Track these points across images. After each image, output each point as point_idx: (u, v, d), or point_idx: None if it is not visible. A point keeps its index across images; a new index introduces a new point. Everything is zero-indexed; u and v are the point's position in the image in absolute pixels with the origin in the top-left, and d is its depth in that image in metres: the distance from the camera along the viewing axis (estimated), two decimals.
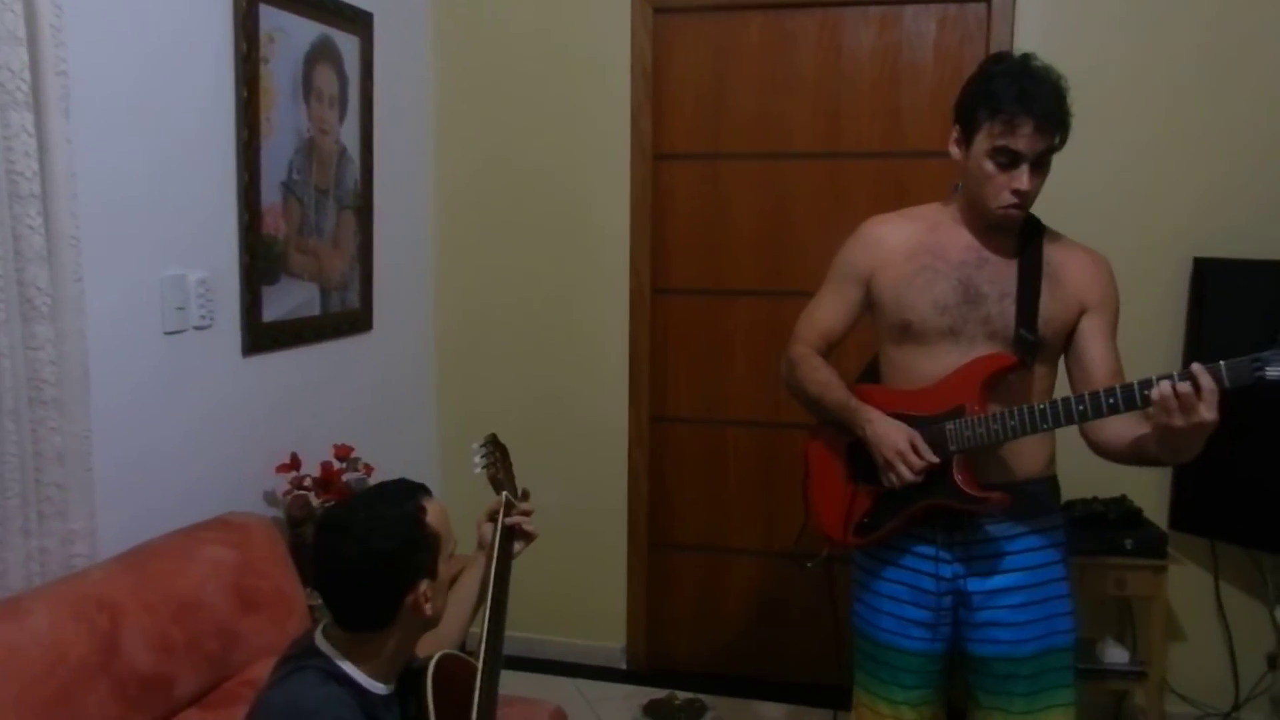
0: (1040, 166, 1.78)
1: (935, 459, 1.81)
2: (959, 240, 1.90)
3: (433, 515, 1.51)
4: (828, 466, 2.05)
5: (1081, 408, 1.70)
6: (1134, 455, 1.77)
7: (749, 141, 3.20)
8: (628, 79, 3.22)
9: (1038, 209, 1.88)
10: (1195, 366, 1.56)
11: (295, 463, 2.50)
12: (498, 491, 1.83)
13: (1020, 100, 1.73)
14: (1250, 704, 2.95)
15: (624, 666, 3.45)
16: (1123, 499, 2.84)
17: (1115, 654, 2.84)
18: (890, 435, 1.84)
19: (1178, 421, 1.57)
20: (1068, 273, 1.87)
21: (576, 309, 3.37)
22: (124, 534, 2.01)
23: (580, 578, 3.44)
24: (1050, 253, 1.88)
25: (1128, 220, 2.89)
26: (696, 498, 3.39)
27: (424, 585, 1.47)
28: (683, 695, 3.16)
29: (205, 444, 2.32)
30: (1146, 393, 1.61)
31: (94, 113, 1.94)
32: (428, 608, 1.49)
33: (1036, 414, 1.74)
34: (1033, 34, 2.91)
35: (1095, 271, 1.89)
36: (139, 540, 2.01)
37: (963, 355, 1.86)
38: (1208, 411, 1.55)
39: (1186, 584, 2.94)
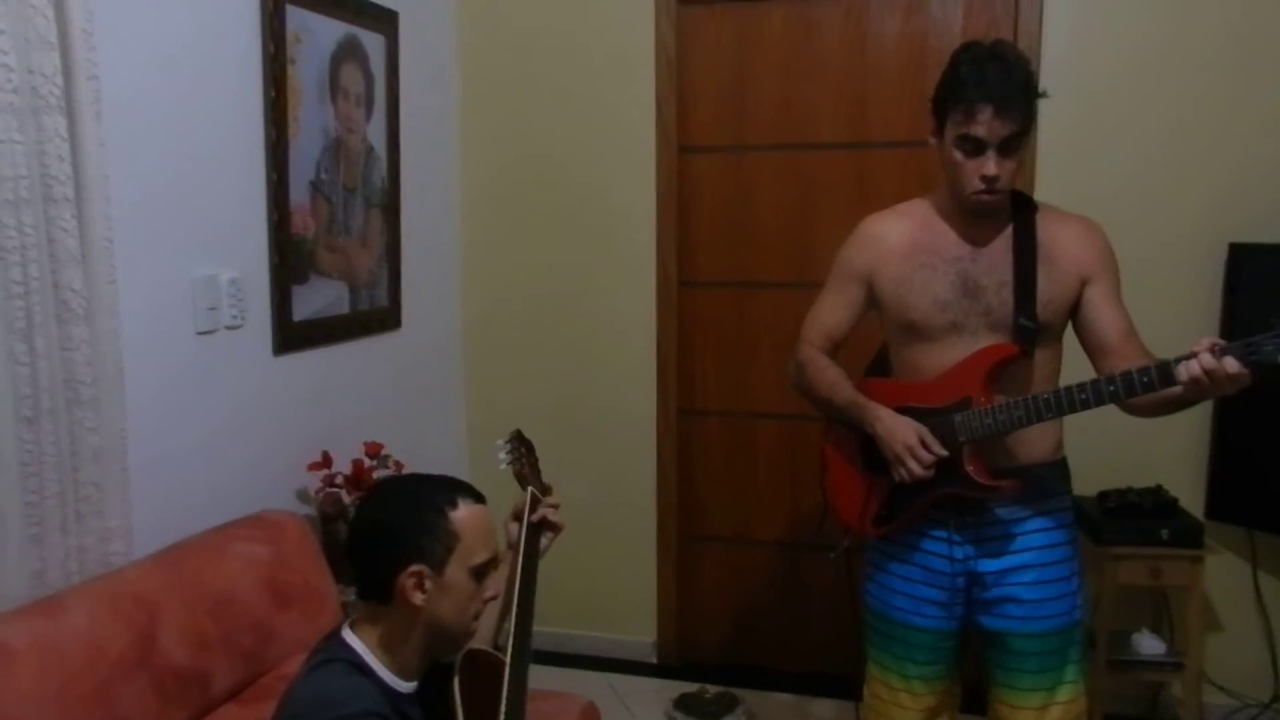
0: (1009, 151, 1.79)
1: (944, 452, 1.85)
2: (951, 234, 1.93)
3: (463, 517, 1.49)
4: (844, 460, 2.08)
5: (1084, 396, 1.73)
6: (1165, 408, 1.78)
7: (774, 133, 3.19)
8: (652, 72, 3.21)
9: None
10: (1218, 346, 1.60)
11: (326, 460, 2.52)
12: (523, 487, 1.83)
13: (979, 87, 1.75)
14: None
15: (654, 660, 3.46)
16: (1158, 489, 2.81)
17: (1152, 645, 2.81)
18: (899, 432, 1.88)
19: (1211, 393, 1.63)
20: (1061, 249, 1.89)
21: (603, 302, 3.37)
22: (159, 532, 2.03)
23: (609, 572, 3.45)
24: (1043, 232, 1.89)
25: (1161, 206, 2.85)
26: (724, 490, 3.39)
27: (419, 569, 1.45)
28: (714, 689, 3.16)
29: (238, 442, 2.35)
30: (1171, 372, 1.64)
31: (124, 116, 1.96)
32: (417, 596, 1.46)
33: (1040, 403, 1.78)
34: (1061, 17, 2.87)
35: (1088, 240, 1.91)
36: (174, 538, 2.04)
37: (967, 348, 1.89)
38: (1239, 382, 1.59)
39: (1224, 574, 2.90)
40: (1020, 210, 1.91)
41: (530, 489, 1.81)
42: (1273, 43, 2.77)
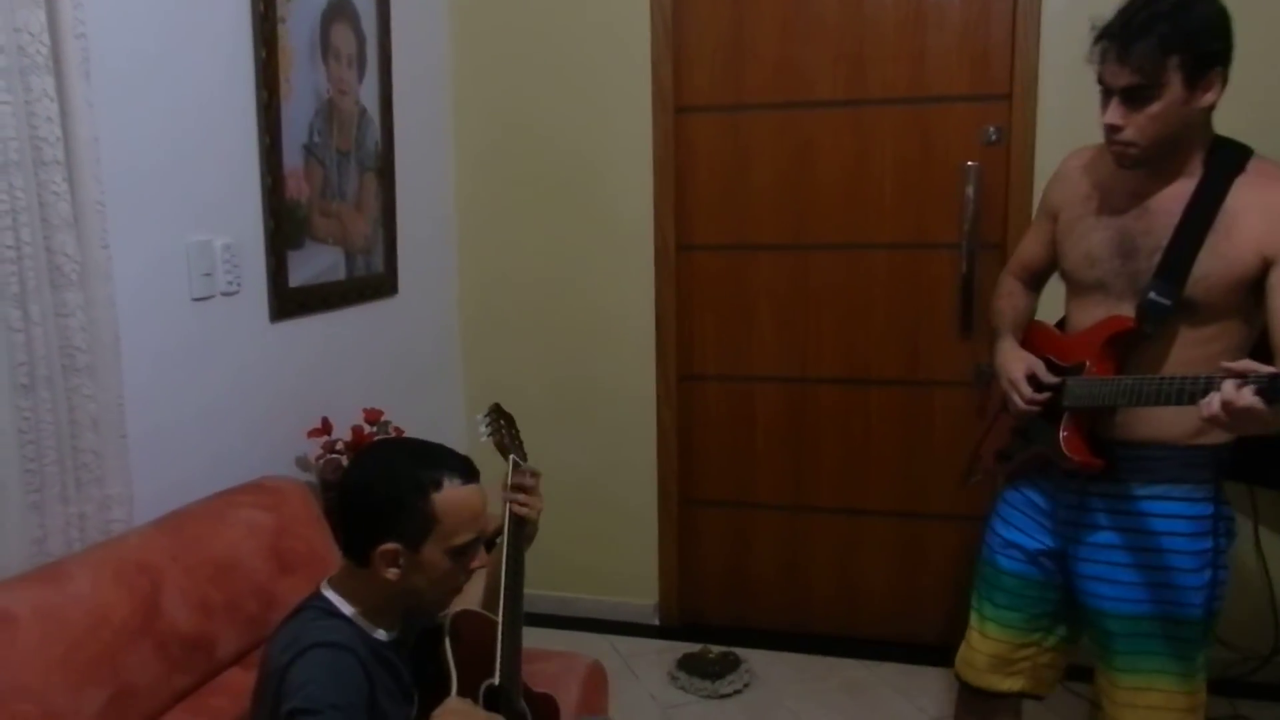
0: (1135, 101, 1.64)
1: (1051, 379, 1.83)
2: (1128, 185, 1.78)
3: (446, 498, 1.47)
4: (995, 394, 2.07)
5: (1168, 390, 1.61)
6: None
7: (771, 91, 3.15)
8: (647, 32, 3.17)
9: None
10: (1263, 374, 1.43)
11: (326, 427, 2.50)
12: (504, 456, 1.84)
13: (1111, 28, 1.65)
14: None
15: (657, 622, 3.47)
16: None
17: None
18: (1010, 364, 1.91)
19: (1245, 432, 1.50)
20: (1247, 221, 1.65)
21: (601, 267, 3.35)
22: (160, 499, 2.02)
23: (611, 536, 3.45)
24: (1237, 197, 1.67)
25: None
26: (725, 454, 3.38)
27: (393, 547, 1.45)
28: (716, 649, 3.18)
29: (236, 409, 2.33)
30: (1193, 389, 1.52)
31: (113, 76, 1.92)
32: (389, 571, 1.46)
33: (1127, 387, 1.67)
34: None
35: None
36: (175, 505, 2.02)
37: (1109, 311, 1.81)
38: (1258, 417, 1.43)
39: None
40: (1220, 168, 1.70)
41: (512, 456, 1.81)
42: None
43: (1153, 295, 1.71)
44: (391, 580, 1.48)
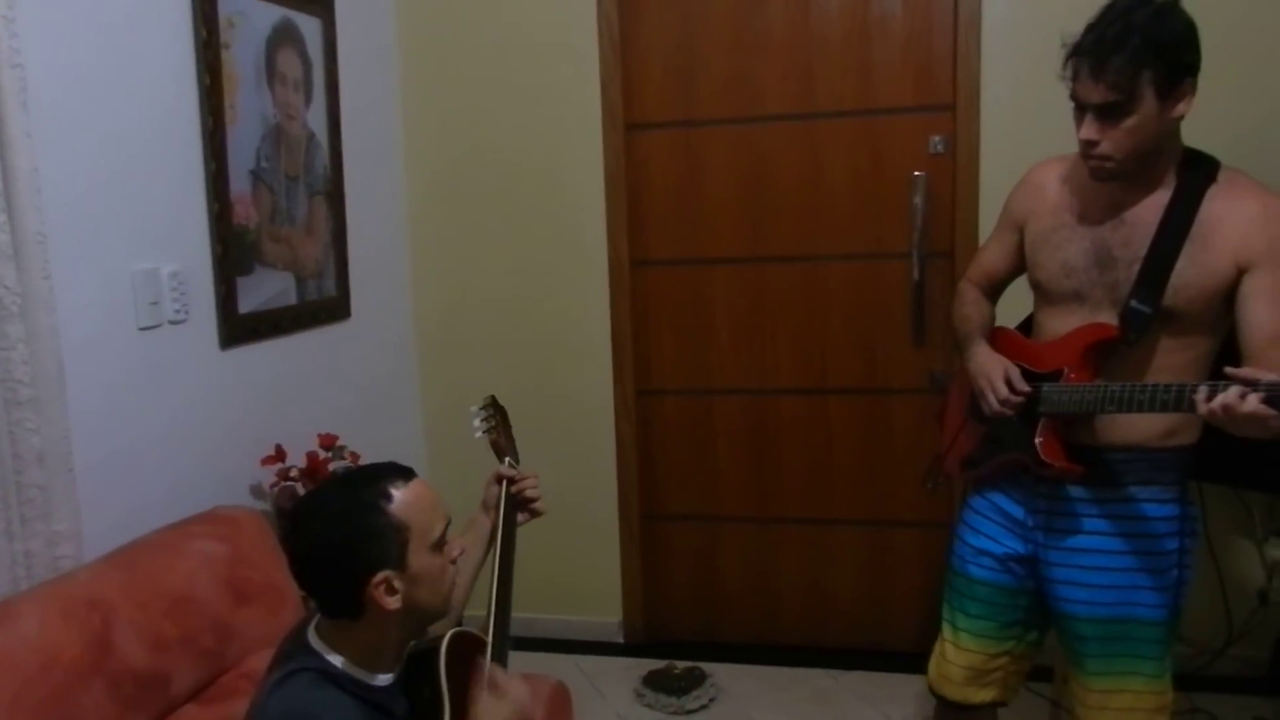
0: (1109, 116, 1.66)
1: (1026, 388, 1.82)
2: (1102, 197, 1.80)
3: (402, 502, 1.43)
4: (958, 401, 2.09)
5: (1143, 398, 1.64)
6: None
7: (722, 107, 3.18)
8: (596, 50, 3.18)
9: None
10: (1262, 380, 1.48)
11: (280, 454, 2.47)
12: (499, 457, 1.80)
13: (1082, 45, 1.67)
14: (1242, 640, 2.98)
15: (621, 640, 3.46)
16: None
17: None
18: (985, 367, 1.89)
19: (1246, 432, 1.53)
20: (1223, 231, 1.69)
21: (556, 286, 3.35)
22: (110, 533, 1.98)
23: (574, 555, 3.44)
24: (1210, 208, 1.71)
25: None
26: (688, 468, 3.39)
27: (384, 576, 1.39)
28: (682, 664, 3.17)
29: (188, 439, 2.29)
30: (1194, 397, 1.55)
31: (52, 106, 1.90)
32: (391, 600, 1.40)
33: (1107, 395, 1.69)
34: None
35: (1263, 223, 1.68)
36: (126, 539, 1.98)
37: (1086, 320, 1.83)
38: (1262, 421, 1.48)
39: None
40: (1193, 180, 1.73)
41: (507, 459, 1.78)
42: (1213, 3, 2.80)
43: (1135, 304, 1.73)
44: (396, 610, 1.41)
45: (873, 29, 3.04)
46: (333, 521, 1.41)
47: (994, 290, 2.10)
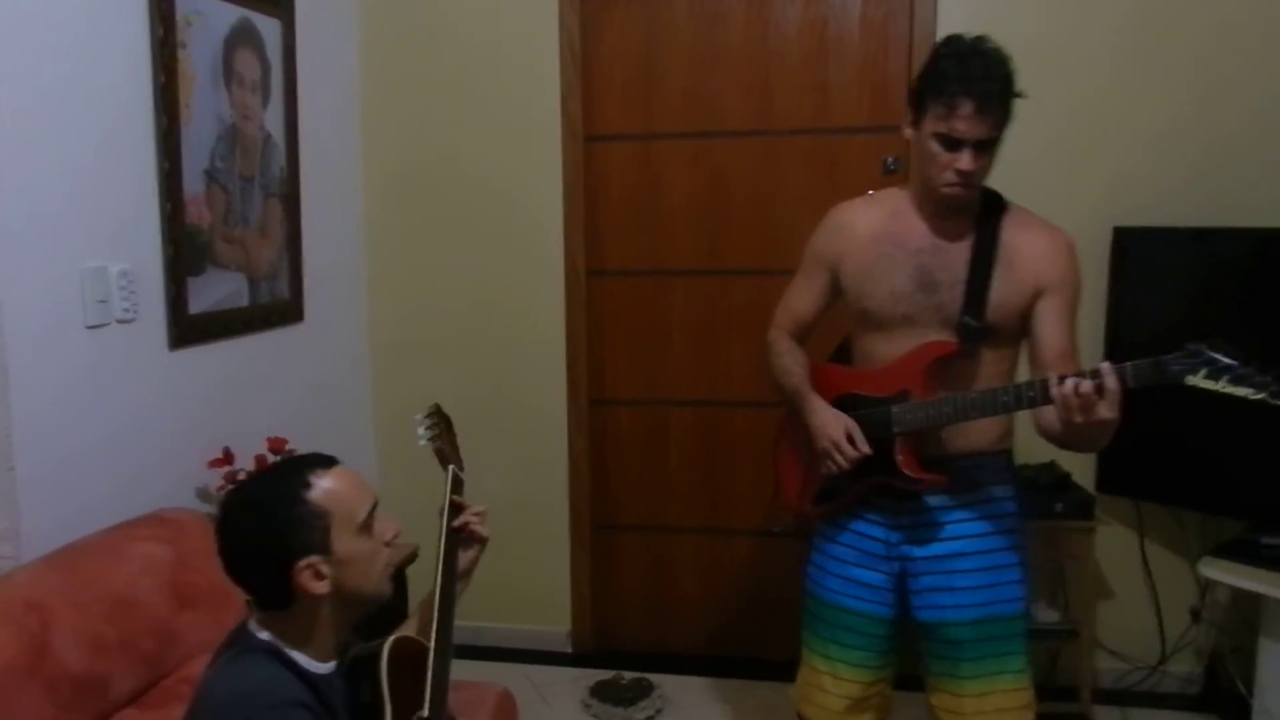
0: (985, 148, 1.80)
1: (868, 450, 1.92)
2: (917, 227, 1.93)
3: (321, 489, 1.44)
4: (793, 441, 2.14)
5: (1006, 399, 1.78)
6: (1059, 441, 1.84)
7: (681, 121, 3.21)
8: (556, 61, 3.20)
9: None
10: (1104, 366, 1.64)
11: (228, 457, 2.45)
12: (444, 465, 1.80)
13: (961, 82, 1.75)
14: (1176, 656, 3.06)
15: (570, 650, 3.46)
16: (1052, 464, 2.93)
17: (1047, 614, 2.94)
18: (828, 427, 1.96)
19: (1078, 418, 1.65)
20: (1023, 256, 1.88)
21: (511, 295, 3.35)
22: (52, 534, 1.95)
23: (524, 564, 3.43)
24: (1009, 236, 1.89)
25: (1048, 191, 2.90)
26: (639, 479, 3.40)
27: (309, 561, 1.41)
28: (629, 675, 3.18)
29: (134, 440, 2.27)
30: (1050, 391, 1.68)
31: (4, 103, 1.87)
32: (318, 585, 1.42)
33: (968, 402, 1.83)
34: (956, 6, 2.95)
35: (1053, 253, 1.90)
36: (69, 539, 1.96)
37: (918, 341, 1.93)
38: (1107, 410, 1.64)
39: (1114, 544, 3.04)
40: (989, 210, 1.92)
41: (451, 467, 1.78)
42: (1160, 33, 2.89)
43: (967, 319, 1.88)
44: (327, 594, 1.43)
45: (830, 48, 3.09)
46: (255, 512, 1.44)
47: (803, 334, 2.17)
